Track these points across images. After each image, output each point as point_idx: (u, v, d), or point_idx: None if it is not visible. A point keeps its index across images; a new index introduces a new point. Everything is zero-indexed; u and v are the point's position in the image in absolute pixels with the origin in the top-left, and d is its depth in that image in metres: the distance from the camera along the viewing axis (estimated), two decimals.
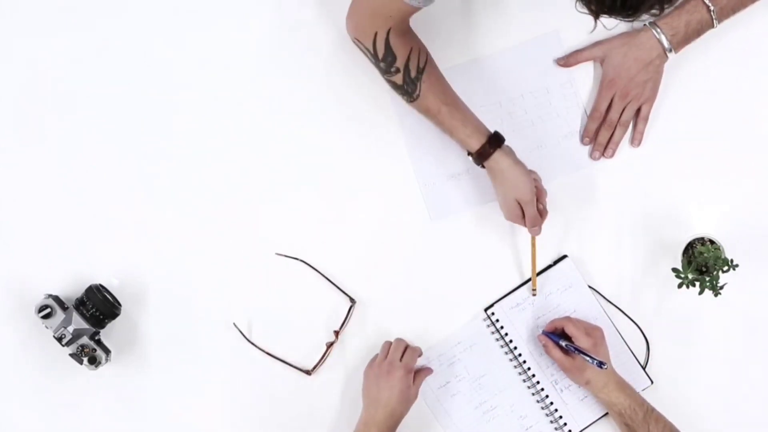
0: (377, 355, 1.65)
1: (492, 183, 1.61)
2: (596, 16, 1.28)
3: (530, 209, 1.59)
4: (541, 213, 1.61)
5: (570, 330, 1.62)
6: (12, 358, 1.69)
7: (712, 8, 1.62)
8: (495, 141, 1.58)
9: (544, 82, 1.70)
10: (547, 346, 1.65)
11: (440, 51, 1.62)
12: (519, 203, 1.59)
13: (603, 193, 1.70)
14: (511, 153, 1.60)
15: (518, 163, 1.59)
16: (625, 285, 1.69)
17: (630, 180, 1.70)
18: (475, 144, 1.58)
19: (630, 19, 1.27)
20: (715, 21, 1.63)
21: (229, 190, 1.70)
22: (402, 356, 1.62)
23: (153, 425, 1.69)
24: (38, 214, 1.69)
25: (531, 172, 1.60)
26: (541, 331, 1.67)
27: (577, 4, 1.27)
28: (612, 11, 1.26)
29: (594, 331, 1.62)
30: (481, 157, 1.58)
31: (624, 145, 1.70)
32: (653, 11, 1.26)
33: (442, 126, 1.60)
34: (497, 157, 1.58)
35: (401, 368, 1.60)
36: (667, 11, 1.63)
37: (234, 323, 1.69)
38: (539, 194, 1.60)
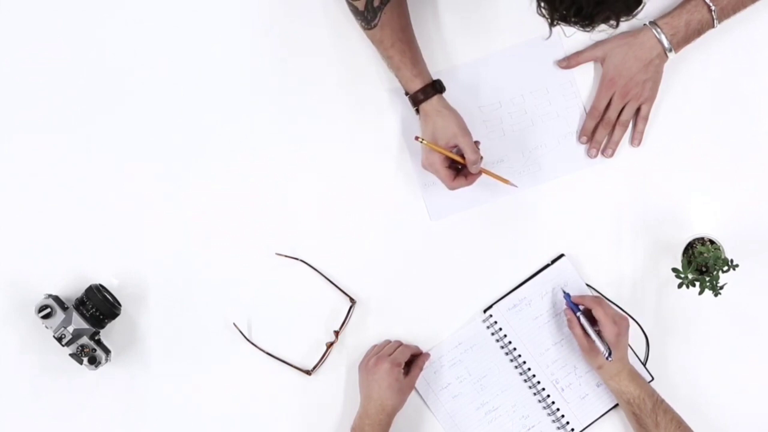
0: (370, 349, 1.67)
1: (421, 126, 1.62)
2: (551, 23, 1.28)
3: (466, 140, 1.58)
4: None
5: (598, 314, 1.60)
6: (12, 358, 1.69)
7: (713, 8, 1.62)
8: (435, 87, 1.60)
9: (544, 82, 1.70)
10: (572, 322, 1.63)
11: (441, 50, 1.63)
12: (445, 149, 1.58)
13: (603, 193, 1.70)
14: (445, 101, 1.60)
15: (450, 108, 1.60)
16: (625, 285, 1.69)
17: (630, 180, 1.70)
18: (416, 86, 1.59)
19: (587, 29, 1.27)
20: (715, 21, 1.63)
21: (229, 190, 1.70)
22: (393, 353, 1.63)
23: (153, 425, 1.69)
24: (38, 214, 1.69)
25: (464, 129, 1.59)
26: (566, 303, 1.65)
27: (537, 8, 1.28)
28: (566, 20, 1.26)
29: (621, 321, 1.60)
30: (416, 99, 1.60)
31: (624, 145, 1.70)
32: (610, 23, 1.26)
33: (390, 61, 1.61)
34: (433, 100, 1.59)
35: (387, 362, 1.60)
36: (668, 12, 1.65)
37: (234, 323, 1.69)
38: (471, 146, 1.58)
